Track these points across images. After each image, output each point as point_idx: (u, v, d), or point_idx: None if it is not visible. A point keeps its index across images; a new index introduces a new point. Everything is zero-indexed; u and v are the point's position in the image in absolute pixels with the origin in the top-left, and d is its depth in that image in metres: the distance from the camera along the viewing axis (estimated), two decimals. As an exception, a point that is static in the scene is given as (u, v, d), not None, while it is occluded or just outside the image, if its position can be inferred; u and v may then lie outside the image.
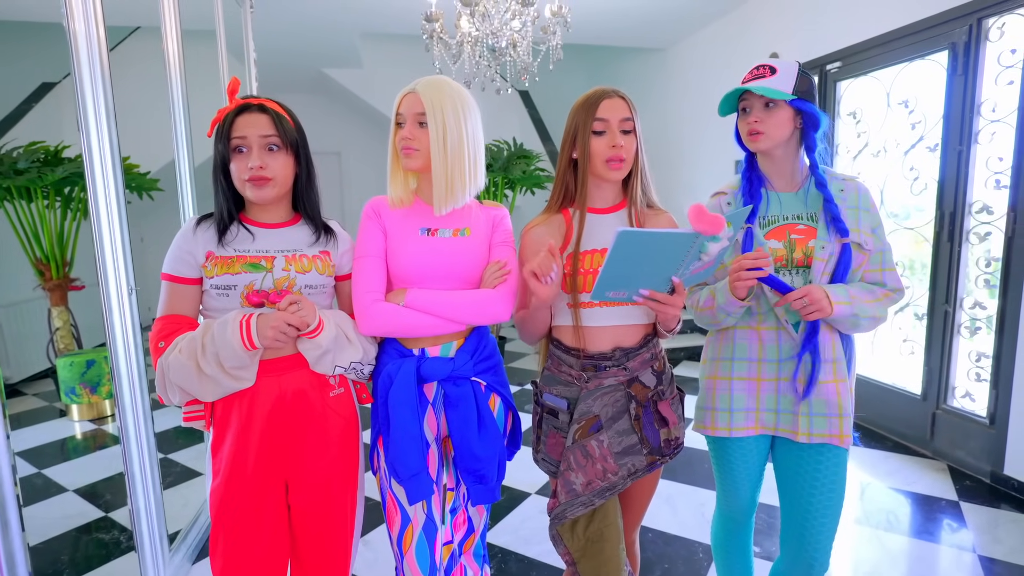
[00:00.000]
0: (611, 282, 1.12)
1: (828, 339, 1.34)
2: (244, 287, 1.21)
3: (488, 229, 1.37)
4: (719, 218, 1.04)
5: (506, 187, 4.91)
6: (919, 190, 3.07)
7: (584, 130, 1.27)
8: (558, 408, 1.34)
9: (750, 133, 1.33)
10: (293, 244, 1.28)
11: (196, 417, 1.24)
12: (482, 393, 1.33)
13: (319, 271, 1.28)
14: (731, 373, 1.40)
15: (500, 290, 1.30)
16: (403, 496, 1.30)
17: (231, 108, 1.23)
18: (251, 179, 1.21)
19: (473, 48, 3.25)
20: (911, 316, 3.18)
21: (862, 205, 1.36)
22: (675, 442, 1.35)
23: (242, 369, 1.18)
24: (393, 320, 1.25)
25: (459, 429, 1.29)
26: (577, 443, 1.28)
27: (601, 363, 1.31)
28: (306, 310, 1.19)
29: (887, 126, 3.25)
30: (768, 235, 1.35)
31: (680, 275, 1.15)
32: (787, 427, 1.37)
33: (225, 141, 1.21)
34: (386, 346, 1.34)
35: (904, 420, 3.10)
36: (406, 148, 1.27)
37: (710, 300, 1.36)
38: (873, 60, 3.25)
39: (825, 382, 1.33)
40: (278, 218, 1.30)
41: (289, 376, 1.24)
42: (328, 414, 1.28)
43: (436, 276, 1.29)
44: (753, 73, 1.32)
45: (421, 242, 1.29)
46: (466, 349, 1.33)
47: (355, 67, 5.59)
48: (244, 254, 1.23)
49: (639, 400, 1.31)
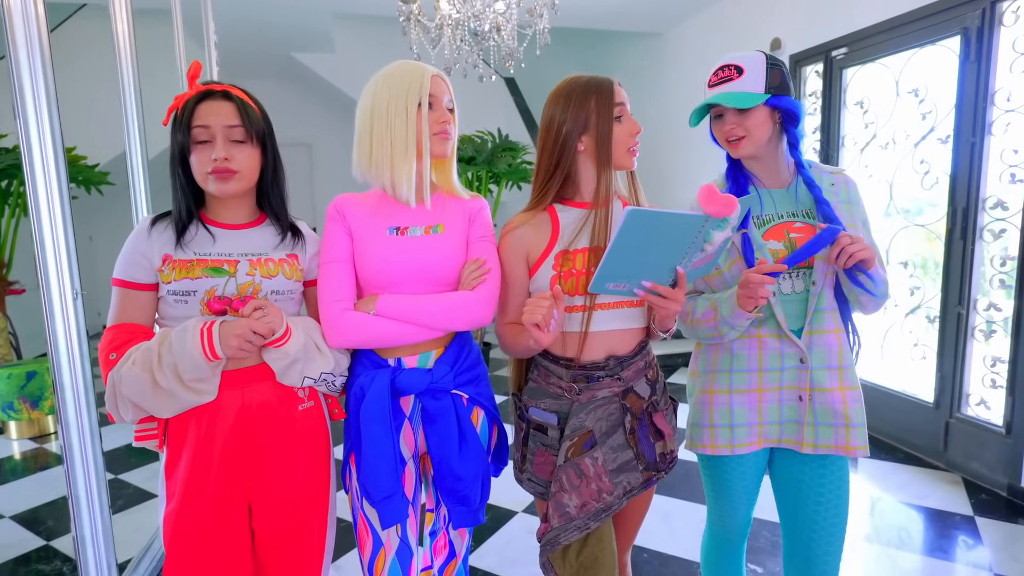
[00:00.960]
0: (614, 271, 1.11)
1: (834, 344, 1.35)
2: (205, 293, 1.20)
3: (464, 224, 1.35)
4: (731, 198, 1.05)
5: (491, 182, 4.91)
6: (930, 184, 3.10)
7: (606, 117, 1.26)
8: (547, 424, 1.33)
9: (728, 140, 1.34)
10: (258, 247, 1.27)
11: (149, 436, 1.22)
12: (463, 407, 1.32)
13: (286, 275, 1.27)
14: (730, 386, 1.39)
15: (480, 291, 1.29)
16: (375, 519, 1.29)
17: (191, 94, 1.21)
18: (215, 172, 1.19)
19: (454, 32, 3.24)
20: (922, 319, 3.21)
21: (853, 199, 1.38)
22: (670, 456, 1.35)
23: (203, 382, 1.17)
24: (364, 330, 1.24)
25: (438, 446, 1.28)
26: (570, 462, 1.26)
27: (593, 373, 1.30)
28: (272, 316, 1.18)
29: (896, 116, 3.29)
30: (767, 235, 1.35)
31: (685, 265, 1.15)
32: (791, 438, 1.38)
33: (185, 130, 1.19)
34: (360, 356, 1.33)
35: (915, 430, 3.13)
36: (443, 132, 1.28)
37: (710, 312, 1.35)
38: (881, 46, 3.28)
39: (831, 390, 1.34)
40: (242, 218, 1.29)
41: (254, 388, 1.23)
42: (296, 429, 1.27)
43: (408, 279, 1.28)
44: (719, 75, 1.32)
45: (390, 243, 1.28)
46: (446, 359, 1.32)
47: (327, 51, 5.57)
48: (205, 257, 1.21)
49: (634, 412, 1.31)
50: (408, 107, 1.25)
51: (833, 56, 3.58)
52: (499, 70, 5.81)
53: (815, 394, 1.35)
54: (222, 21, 4.12)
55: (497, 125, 5.38)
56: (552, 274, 1.27)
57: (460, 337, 1.36)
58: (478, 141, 4.76)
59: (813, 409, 1.35)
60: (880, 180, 3.40)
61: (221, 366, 1.18)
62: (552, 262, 1.28)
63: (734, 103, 1.29)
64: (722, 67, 1.33)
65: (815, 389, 1.34)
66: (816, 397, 1.34)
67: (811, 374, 1.34)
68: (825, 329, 1.34)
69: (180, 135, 1.20)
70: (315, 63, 5.66)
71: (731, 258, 1.36)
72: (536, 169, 1.36)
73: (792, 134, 1.36)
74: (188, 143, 1.20)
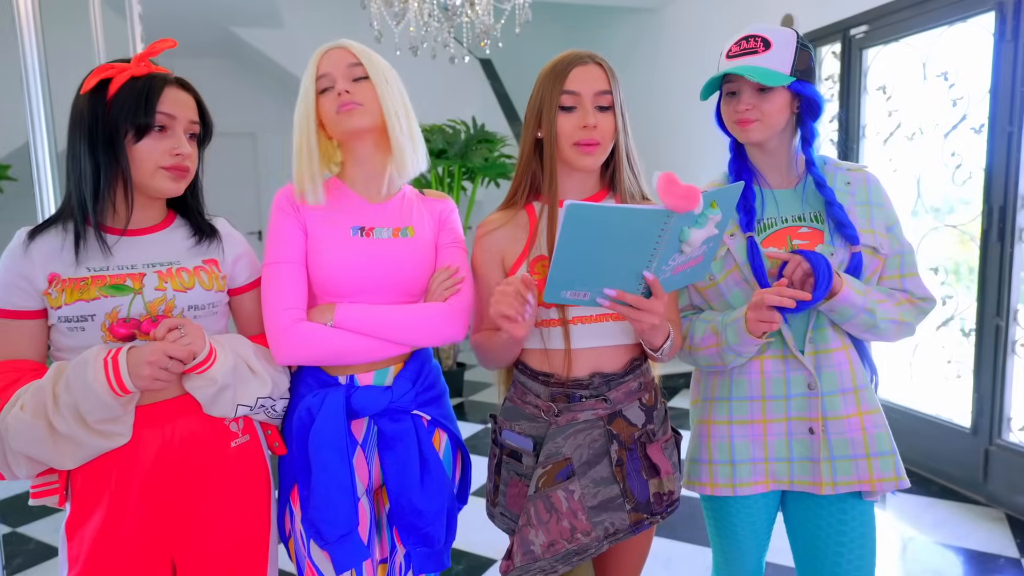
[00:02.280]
0: (566, 276, 1.10)
1: (846, 364, 1.35)
2: (105, 316, 1.16)
3: (434, 227, 1.37)
4: (692, 189, 1.02)
5: (464, 177, 4.89)
6: (963, 179, 3.14)
7: (550, 105, 1.27)
8: (521, 449, 1.32)
9: (739, 121, 1.33)
10: (167, 254, 1.24)
11: (47, 492, 1.19)
12: (425, 429, 1.33)
13: (204, 286, 1.25)
14: (729, 416, 1.39)
15: (452, 303, 1.31)
16: (327, 566, 1.28)
17: (144, 70, 1.19)
18: (174, 168, 1.19)
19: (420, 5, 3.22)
20: (956, 332, 3.24)
21: (874, 200, 1.37)
22: (668, 497, 1.34)
23: (112, 422, 1.13)
24: (320, 344, 1.23)
25: (397, 476, 1.28)
26: (540, 492, 1.25)
27: (575, 392, 1.29)
28: (192, 337, 1.16)
29: (923, 103, 3.33)
30: (766, 241, 1.35)
31: (655, 270, 1.13)
32: (805, 478, 1.37)
33: (147, 111, 1.16)
34: (303, 374, 1.33)
35: (951, 459, 3.14)
36: (346, 105, 1.26)
37: (711, 337, 1.34)
38: (906, 23, 3.32)
39: (847, 417, 1.33)
40: (146, 220, 1.26)
41: (176, 424, 1.20)
42: (229, 470, 1.25)
43: (372, 287, 1.28)
44: (742, 46, 1.32)
45: (353, 245, 1.28)
46: (407, 375, 1.32)
47: (273, 27, 5.53)
48: (101, 273, 1.17)
49: (623, 441, 1.30)
50: (309, 97, 1.29)
51: (852, 35, 3.62)
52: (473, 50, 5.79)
53: (828, 424, 1.34)
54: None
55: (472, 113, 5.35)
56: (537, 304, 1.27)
57: (420, 352, 1.37)
58: (450, 132, 4.74)
59: (828, 442, 1.34)
60: (906, 175, 3.44)
61: (133, 401, 1.15)
62: (527, 268, 1.29)
63: (758, 78, 1.28)
64: (747, 37, 1.32)
65: (828, 418, 1.34)
66: (830, 427, 1.34)
67: (822, 401, 1.34)
68: (831, 347, 1.35)
69: (134, 114, 1.16)
70: (259, 40, 5.61)
71: (727, 267, 1.36)
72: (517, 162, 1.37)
73: (809, 128, 1.36)
74: (142, 126, 1.17)
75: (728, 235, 1.35)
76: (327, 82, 1.29)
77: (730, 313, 1.33)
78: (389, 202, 1.36)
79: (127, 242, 1.21)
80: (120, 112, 1.16)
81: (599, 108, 1.27)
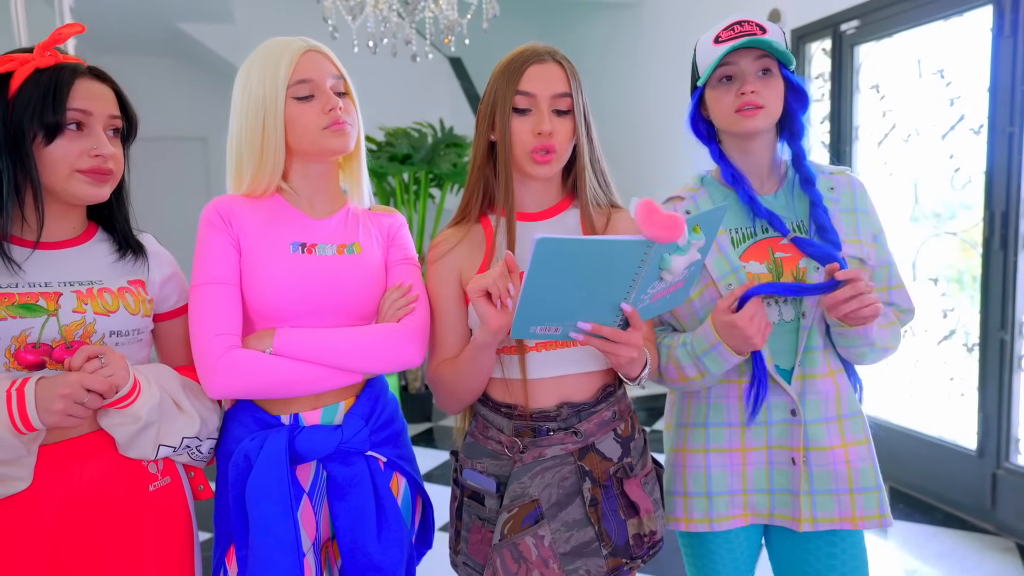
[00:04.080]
0: (535, 312, 1.09)
1: (832, 391, 1.34)
2: (12, 340, 1.11)
3: (383, 243, 1.36)
4: (675, 218, 1.02)
5: (432, 184, 4.86)
6: (962, 183, 3.15)
7: (503, 106, 1.26)
8: (484, 490, 1.30)
9: (743, 107, 1.31)
10: (87, 272, 1.20)
11: None
12: (381, 473, 1.30)
13: (130, 310, 1.22)
14: (706, 444, 1.39)
15: (406, 323, 1.28)
16: None
17: (49, 61, 1.13)
18: (92, 171, 1.14)
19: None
20: (959, 347, 3.24)
21: (859, 206, 1.38)
22: (650, 538, 1.32)
23: (10, 465, 1.08)
24: (257, 374, 1.20)
25: (350, 527, 1.25)
26: (507, 540, 1.22)
27: (541, 425, 1.27)
28: (114, 367, 1.11)
29: (919, 102, 3.35)
30: (746, 255, 1.35)
31: (634, 301, 1.11)
32: (784, 512, 1.36)
33: (57, 109, 1.11)
34: (239, 413, 1.29)
35: (956, 484, 3.13)
36: (340, 123, 1.25)
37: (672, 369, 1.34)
38: (899, 18, 3.34)
39: (830, 448, 1.33)
40: (64, 232, 1.21)
41: (87, 468, 1.15)
42: (147, 517, 1.20)
43: (315, 309, 1.26)
44: (735, 30, 1.32)
45: (293, 262, 1.26)
46: (358, 411, 1.30)
47: (223, 22, 5.51)
48: (9, 290, 1.12)
49: (596, 478, 1.27)
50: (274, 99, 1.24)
51: (843, 31, 3.64)
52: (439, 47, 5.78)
53: (810, 454, 1.34)
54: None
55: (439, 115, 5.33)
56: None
57: (373, 383, 1.35)
58: (415, 135, 4.72)
59: (809, 474, 1.34)
60: (903, 179, 3.46)
61: (38, 440, 1.09)
62: None
63: (779, 54, 1.28)
64: (740, 21, 1.32)
65: (810, 448, 1.34)
66: (812, 458, 1.34)
67: (804, 430, 1.33)
68: (818, 373, 1.34)
69: (41, 113, 1.10)
70: (208, 36, 5.58)
71: (703, 283, 1.35)
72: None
73: (798, 121, 1.36)
74: (52, 126, 1.11)
75: None
76: (308, 89, 1.24)
77: (693, 339, 1.30)
78: (332, 217, 1.34)
79: (40, 256, 1.16)
80: (24, 111, 1.10)
81: (557, 112, 1.26)
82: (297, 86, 1.24)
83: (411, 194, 4.76)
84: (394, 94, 5.52)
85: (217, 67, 6.04)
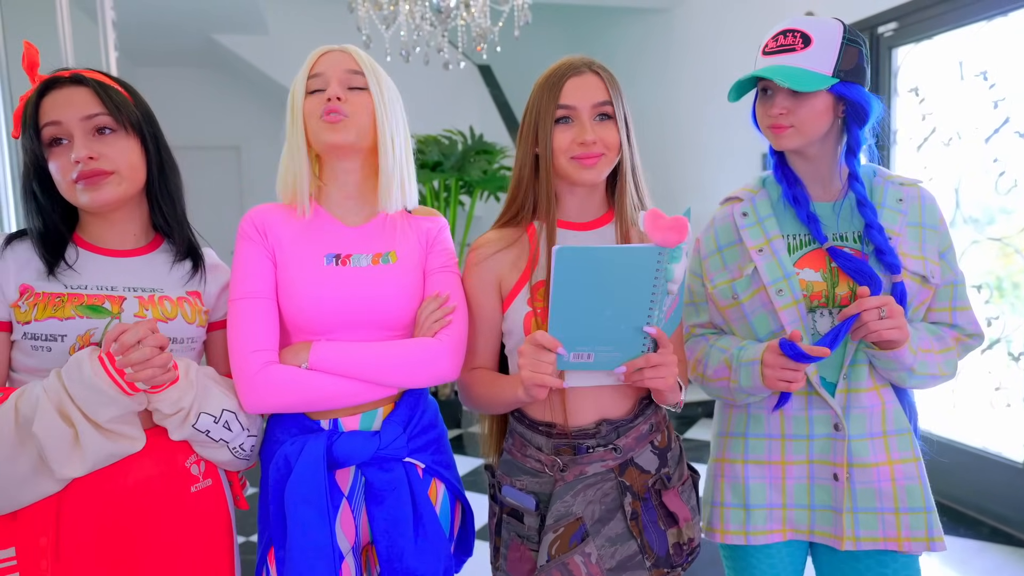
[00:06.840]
0: (565, 331, 1.11)
1: (878, 406, 1.31)
2: (77, 339, 1.15)
3: (422, 250, 1.35)
4: (679, 220, 1.06)
5: (462, 191, 4.89)
6: (1006, 188, 3.10)
7: (545, 120, 1.26)
8: (523, 508, 1.30)
9: (773, 127, 1.30)
10: (150, 280, 1.24)
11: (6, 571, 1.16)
12: (419, 480, 1.30)
13: (187, 319, 1.26)
14: (745, 454, 1.38)
15: (443, 338, 1.27)
16: None
17: (33, 89, 1.18)
18: (81, 177, 1.15)
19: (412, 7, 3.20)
20: (1003, 356, 3.18)
21: (927, 221, 1.34)
22: (689, 545, 1.33)
23: (129, 424, 1.13)
24: (293, 391, 1.22)
25: (387, 533, 1.25)
26: (555, 561, 1.23)
27: (581, 443, 1.27)
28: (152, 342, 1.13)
29: (961, 105, 3.30)
30: (800, 262, 1.32)
31: (657, 319, 1.14)
32: (826, 529, 1.34)
33: (33, 134, 1.16)
34: (282, 416, 1.30)
35: (1003, 497, 3.06)
36: (332, 112, 1.22)
37: (723, 370, 1.33)
38: (939, 19, 3.29)
39: (875, 465, 1.30)
40: (130, 241, 1.26)
41: (132, 469, 1.17)
42: (189, 519, 1.22)
43: (350, 323, 1.27)
44: (778, 42, 1.30)
45: (327, 274, 1.26)
46: (396, 418, 1.29)
47: (258, 33, 5.59)
48: (79, 291, 1.17)
49: (636, 492, 1.28)
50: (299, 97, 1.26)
51: (880, 33, 3.60)
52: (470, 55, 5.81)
53: (854, 471, 1.31)
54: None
55: (469, 123, 5.37)
56: (527, 311, 1.27)
57: (413, 389, 1.34)
58: (446, 143, 4.74)
59: (852, 491, 1.31)
60: (943, 184, 3.40)
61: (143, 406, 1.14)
62: (528, 295, 1.28)
63: (789, 82, 1.24)
64: (785, 31, 1.30)
65: (854, 464, 1.31)
66: (856, 475, 1.31)
67: (848, 445, 1.30)
68: (864, 387, 1.31)
69: (28, 141, 1.16)
70: (243, 47, 5.66)
71: (753, 287, 1.33)
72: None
73: (855, 135, 1.32)
74: (42, 149, 1.17)
75: (756, 251, 1.33)
76: (319, 83, 1.25)
77: (747, 348, 1.30)
78: (367, 224, 1.33)
79: (109, 262, 1.22)
80: (24, 146, 1.17)
81: (600, 117, 1.27)
82: (311, 80, 1.25)
83: (441, 201, 4.79)
84: (424, 102, 5.55)
85: (251, 77, 6.15)
